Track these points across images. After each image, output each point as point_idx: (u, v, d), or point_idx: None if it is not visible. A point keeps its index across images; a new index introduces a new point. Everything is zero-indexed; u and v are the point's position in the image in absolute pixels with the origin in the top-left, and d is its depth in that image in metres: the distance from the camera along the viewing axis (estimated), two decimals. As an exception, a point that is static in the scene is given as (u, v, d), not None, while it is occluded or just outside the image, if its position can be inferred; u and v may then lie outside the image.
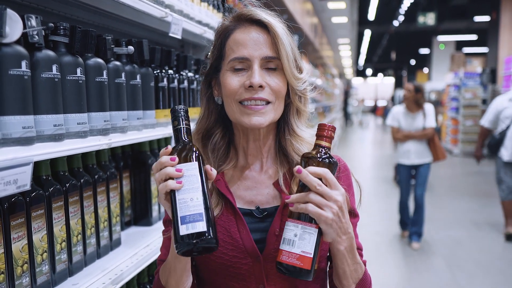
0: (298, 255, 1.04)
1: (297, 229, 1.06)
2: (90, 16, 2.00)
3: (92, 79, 1.50)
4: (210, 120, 1.29)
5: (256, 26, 1.19)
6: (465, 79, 13.72)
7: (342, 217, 1.06)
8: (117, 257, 1.71)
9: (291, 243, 1.05)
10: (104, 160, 1.80)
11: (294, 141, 1.25)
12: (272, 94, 1.17)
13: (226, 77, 1.19)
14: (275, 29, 1.16)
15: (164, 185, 1.01)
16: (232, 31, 1.21)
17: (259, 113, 1.17)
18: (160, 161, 1.04)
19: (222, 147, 1.29)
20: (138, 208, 2.10)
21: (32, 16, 1.22)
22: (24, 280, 1.28)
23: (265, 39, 1.17)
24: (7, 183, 1.06)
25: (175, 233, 0.99)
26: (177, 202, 1.00)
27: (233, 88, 1.17)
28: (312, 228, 1.05)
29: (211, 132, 1.29)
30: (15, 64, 1.13)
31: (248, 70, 1.17)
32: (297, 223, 1.06)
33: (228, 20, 1.24)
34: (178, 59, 2.24)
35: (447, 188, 9.11)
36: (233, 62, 1.18)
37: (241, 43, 1.17)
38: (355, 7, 14.00)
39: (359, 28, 20.67)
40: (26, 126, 1.17)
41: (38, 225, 1.33)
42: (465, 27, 21.20)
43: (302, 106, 1.27)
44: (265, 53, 1.16)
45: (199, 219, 0.98)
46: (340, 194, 1.06)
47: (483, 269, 4.92)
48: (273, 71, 1.18)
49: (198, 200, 1.00)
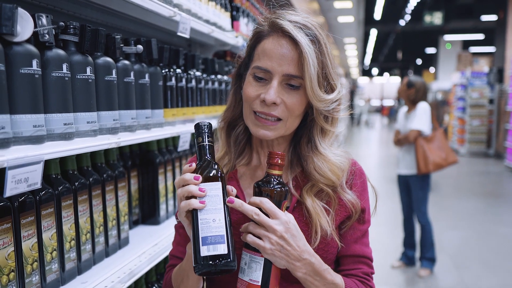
0: (247, 283, 1.07)
1: (246, 258, 1.09)
2: (98, 15, 2.00)
3: (101, 78, 1.50)
4: (236, 111, 1.29)
5: (287, 39, 1.14)
6: (472, 79, 13.66)
7: (287, 245, 1.05)
8: (126, 255, 1.72)
9: (242, 271, 1.08)
10: (112, 159, 1.80)
11: (316, 159, 1.21)
12: (285, 111, 1.16)
13: (247, 82, 1.19)
14: (303, 49, 1.12)
15: (186, 203, 1.02)
16: (264, 38, 1.18)
17: (267, 128, 1.16)
18: (183, 178, 1.04)
19: (243, 140, 1.30)
20: (146, 207, 2.10)
21: (42, 15, 1.22)
22: (34, 278, 1.28)
23: (292, 56, 1.13)
24: (18, 181, 1.06)
25: (195, 253, 0.99)
26: (199, 222, 1.00)
27: (250, 96, 1.17)
28: (257, 256, 1.07)
29: (235, 122, 1.30)
30: (26, 63, 1.14)
31: (269, 82, 1.15)
32: (246, 251, 1.09)
33: (264, 22, 1.21)
34: (186, 58, 2.25)
35: (454, 188, 9.08)
36: (255, 70, 1.17)
37: (267, 54, 1.15)
38: (361, 7, 13.96)
39: (365, 27, 20.61)
40: (36, 124, 1.18)
41: (47, 224, 1.34)
42: (472, 26, 21.09)
43: (328, 126, 1.22)
44: (287, 71, 1.13)
45: (221, 241, 0.98)
46: (279, 224, 1.05)
47: (490, 269, 4.90)
48: (294, 89, 1.15)
49: (220, 221, 1.00)
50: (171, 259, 1.33)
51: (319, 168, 1.20)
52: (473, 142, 13.47)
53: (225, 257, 0.97)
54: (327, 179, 1.19)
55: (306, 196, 1.19)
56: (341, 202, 1.22)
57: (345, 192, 1.22)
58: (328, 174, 1.19)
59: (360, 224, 1.25)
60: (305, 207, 1.19)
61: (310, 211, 1.17)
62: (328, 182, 1.20)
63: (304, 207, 1.19)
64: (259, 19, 1.24)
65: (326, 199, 1.21)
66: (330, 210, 1.20)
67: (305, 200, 1.19)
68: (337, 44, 18.52)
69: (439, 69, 23.76)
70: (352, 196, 1.22)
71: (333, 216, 1.20)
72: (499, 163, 11.84)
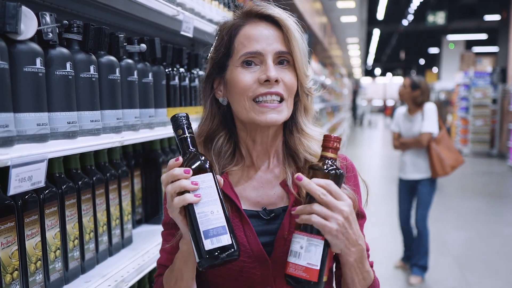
0: (304, 267, 1.02)
1: (303, 241, 1.03)
2: (102, 14, 2.00)
3: (105, 76, 1.50)
4: (214, 122, 1.23)
5: (265, 22, 1.16)
6: (475, 79, 13.63)
7: (349, 228, 1.03)
8: (129, 254, 1.72)
9: (297, 255, 1.03)
10: (115, 158, 1.80)
11: (304, 138, 1.21)
12: (286, 90, 1.14)
13: (237, 73, 1.14)
14: (287, 24, 1.14)
15: (181, 199, 0.97)
16: (241, 27, 1.17)
17: (274, 111, 1.13)
18: (172, 173, 0.98)
19: (229, 149, 1.23)
20: (149, 207, 2.10)
21: (46, 14, 1.22)
22: (38, 277, 1.28)
23: (276, 34, 1.14)
24: (22, 179, 1.06)
25: (198, 249, 0.95)
26: (196, 216, 0.96)
27: (247, 84, 1.13)
28: (318, 239, 1.03)
29: (214, 135, 1.24)
30: (29, 61, 1.14)
31: (261, 66, 1.13)
32: (303, 235, 1.04)
33: (236, 16, 1.20)
34: (189, 58, 2.25)
35: (457, 188, 9.05)
36: (244, 57, 1.13)
37: (253, 38, 1.14)
38: (364, 6, 13.95)
39: (368, 27, 20.58)
40: (40, 123, 1.17)
41: (51, 223, 1.34)
42: (475, 26, 21.05)
43: (310, 104, 1.24)
44: (278, 48, 1.13)
45: (223, 232, 0.96)
46: (346, 205, 1.02)
47: (493, 269, 4.88)
48: (284, 67, 1.15)
49: (218, 212, 0.97)
50: (159, 268, 1.27)
51: (308, 147, 1.20)
52: (476, 142, 13.44)
53: (229, 248, 0.96)
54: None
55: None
56: None
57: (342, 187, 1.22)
58: (319, 152, 1.18)
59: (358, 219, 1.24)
60: None
61: None
62: None
63: None
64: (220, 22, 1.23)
65: None
66: None
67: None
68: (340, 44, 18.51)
69: (442, 69, 23.74)
70: (349, 190, 1.20)
71: None
72: (502, 163, 11.81)
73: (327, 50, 12.62)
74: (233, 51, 1.16)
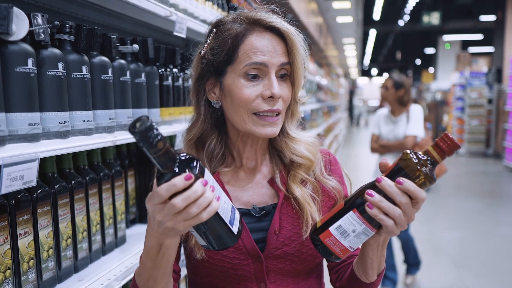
0: (343, 248, 1.01)
1: (358, 227, 0.99)
2: (95, 15, 2.01)
3: (97, 77, 1.51)
4: (206, 125, 1.22)
5: (270, 32, 1.15)
6: (470, 79, 13.67)
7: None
8: (122, 254, 1.73)
9: (345, 234, 1.00)
10: (109, 158, 1.81)
11: (290, 141, 1.24)
12: (283, 104, 1.17)
13: (240, 85, 1.12)
14: (293, 38, 1.14)
15: (209, 212, 0.88)
16: (246, 36, 1.14)
17: (273, 124, 1.15)
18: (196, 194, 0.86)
19: (221, 151, 1.23)
20: (143, 206, 2.11)
21: (38, 15, 1.23)
22: (30, 276, 1.29)
23: (281, 46, 1.14)
24: (13, 179, 1.07)
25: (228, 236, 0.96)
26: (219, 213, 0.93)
27: (250, 98, 1.12)
28: (373, 232, 1.01)
29: (206, 137, 1.23)
30: (21, 61, 1.15)
31: (263, 79, 1.13)
32: (362, 222, 0.99)
33: (240, 20, 1.17)
34: (183, 58, 2.25)
35: (453, 188, 9.08)
36: (249, 67, 1.12)
37: (259, 49, 1.12)
38: (360, 7, 13.97)
39: (364, 27, 20.61)
40: (32, 123, 1.18)
41: (44, 222, 1.35)
42: (471, 27, 21.09)
43: (297, 111, 1.26)
44: (281, 60, 1.14)
45: (234, 211, 1.00)
46: (415, 212, 0.99)
47: (490, 269, 4.91)
48: (284, 81, 1.16)
49: (227, 200, 0.98)
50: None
51: (294, 149, 1.23)
52: (472, 142, 13.48)
53: (241, 220, 1.02)
54: (306, 158, 1.22)
55: (293, 186, 1.20)
56: (325, 191, 1.25)
57: (327, 179, 1.25)
58: (305, 153, 1.22)
59: None
60: (294, 199, 1.20)
61: (300, 201, 1.19)
62: (307, 163, 1.22)
63: (293, 199, 1.20)
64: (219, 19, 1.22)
65: (311, 189, 1.23)
66: (317, 197, 1.22)
67: (294, 190, 1.20)
68: (336, 45, 18.54)
69: (438, 69, 23.77)
70: (335, 182, 1.25)
71: (320, 205, 1.22)
72: (498, 163, 11.85)
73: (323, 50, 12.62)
74: (235, 59, 1.14)
